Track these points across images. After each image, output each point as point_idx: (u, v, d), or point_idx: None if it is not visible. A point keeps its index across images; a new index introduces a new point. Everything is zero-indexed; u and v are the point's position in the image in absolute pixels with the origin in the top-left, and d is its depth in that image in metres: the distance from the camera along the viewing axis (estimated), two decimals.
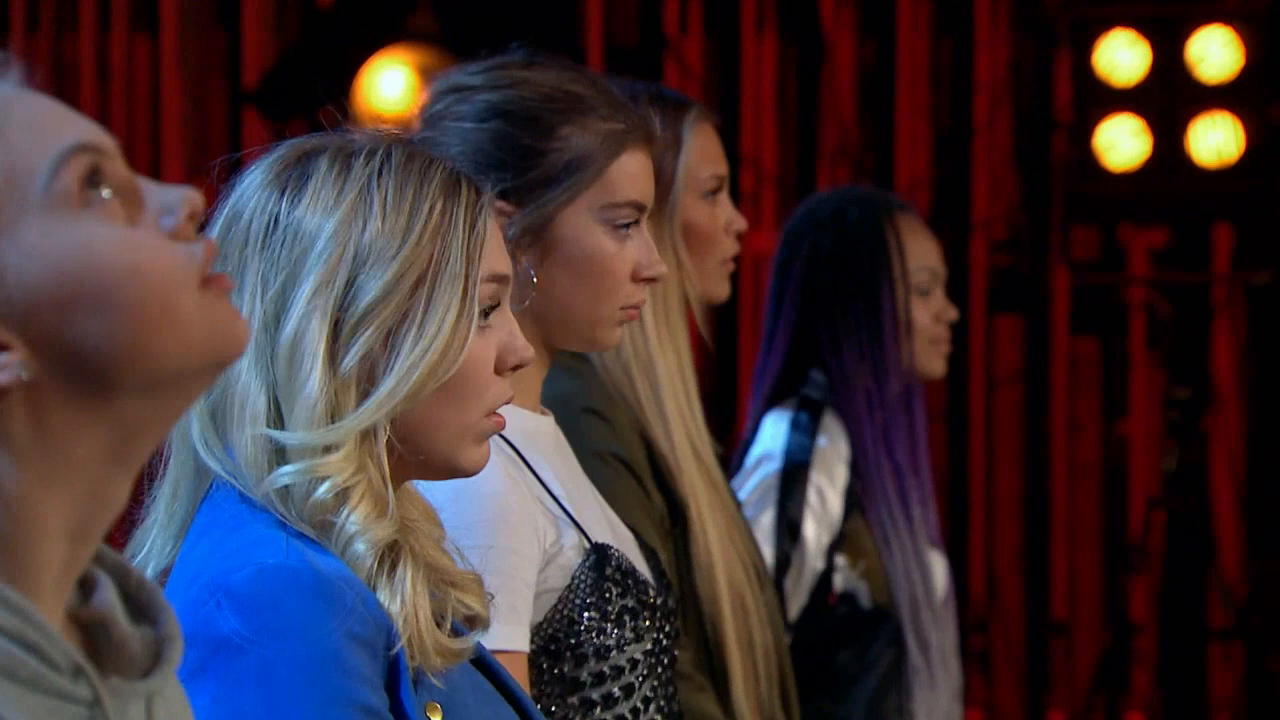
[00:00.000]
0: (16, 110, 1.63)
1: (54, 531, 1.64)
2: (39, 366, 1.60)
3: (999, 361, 7.84)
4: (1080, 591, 7.86)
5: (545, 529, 2.85)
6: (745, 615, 3.43)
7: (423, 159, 2.34)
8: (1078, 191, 7.22)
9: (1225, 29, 7.01)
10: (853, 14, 7.86)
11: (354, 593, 2.21)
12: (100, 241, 1.61)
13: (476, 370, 2.33)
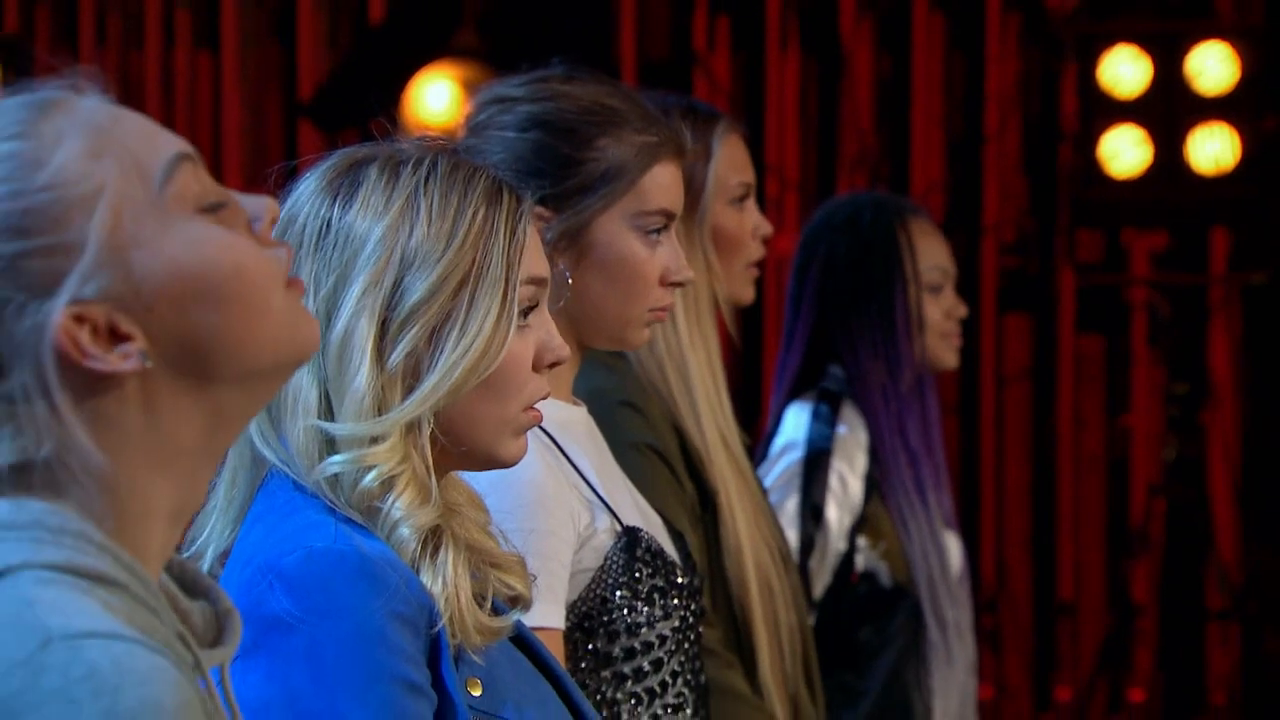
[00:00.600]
0: (123, 121, 1.66)
1: (160, 512, 1.67)
2: (155, 356, 1.63)
3: (1008, 358, 7.84)
4: (1085, 575, 7.85)
5: (580, 513, 2.86)
6: (771, 596, 3.43)
7: (467, 168, 2.34)
8: (1083, 197, 7.22)
9: (1222, 44, 7.02)
10: (871, 30, 7.86)
11: (398, 575, 2.21)
12: (210, 242, 1.65)
13: (515, 367, 2.33)
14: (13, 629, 1.53)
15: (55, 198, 1.62)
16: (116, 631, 1.53)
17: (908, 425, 4.15)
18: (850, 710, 4.03)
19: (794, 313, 4.26)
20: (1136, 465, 7.77)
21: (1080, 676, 7.64)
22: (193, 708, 1.52)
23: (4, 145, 1.63)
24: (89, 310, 1.61)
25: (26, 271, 1.60)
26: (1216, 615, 7.55)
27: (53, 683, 1.50)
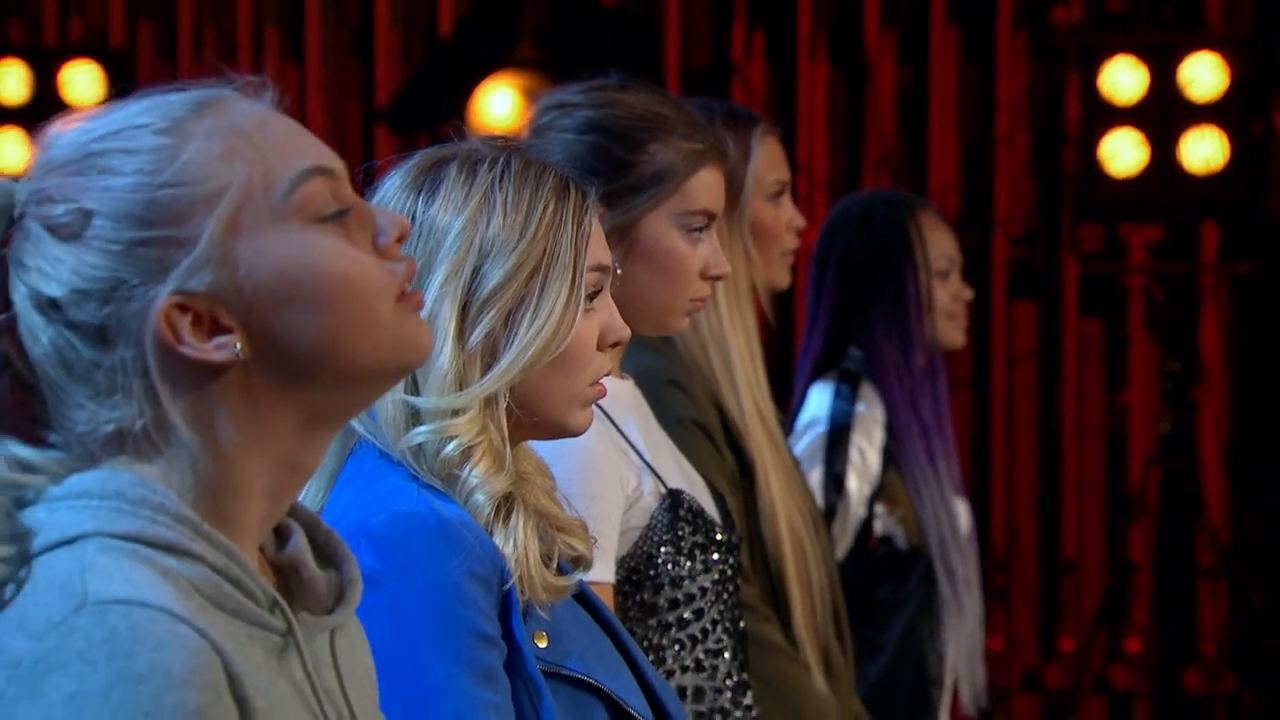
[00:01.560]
0: (269, 128, 1.66)
1: (256, 489, 1.65)
2: (251, 351, 1.62)
3: (1017, 340, 7.82)
4: (1087, 536, 7.84)
5: (628, 477, 2.86)
6: (804, 556, 3.43)
7: (537, 165, 2.34)
8: (1085, 195, 7.19)
9: (1213, 55, 7.00)
10: (893, 43, 7.84)
11: (473, 536, 2.22)
12: (320, 251, 1.63)
13: (582, 346, 2.33)
14: (59, 593, 1.54)
15: (179, 194, 1.61)
16: (146, 600, 1.52)
17: (920, 402, 4.15)
18: (872, 662, 4.03)
19: (815, 300, 4.26)
20: (1133, 437, 7.76)
21: (1082, 629, 7.63)
22: (204, 675, 1.51)
23: (151, 139, 1.63)
24: (192, 301, 1.60)
25: (142, 258, 1.60)
26: (1206, 573, 7.53)
27: (78, 644, 1.50)
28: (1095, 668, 7.56)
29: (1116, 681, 7.65)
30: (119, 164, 1.62)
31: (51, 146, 1.66)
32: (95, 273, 1.60)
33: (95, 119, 1.66)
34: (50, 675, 1.50)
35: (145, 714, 1.48)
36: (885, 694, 4.02)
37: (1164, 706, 7.32)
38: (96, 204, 1.61)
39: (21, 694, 1.51)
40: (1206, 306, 7.70)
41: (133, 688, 1.49)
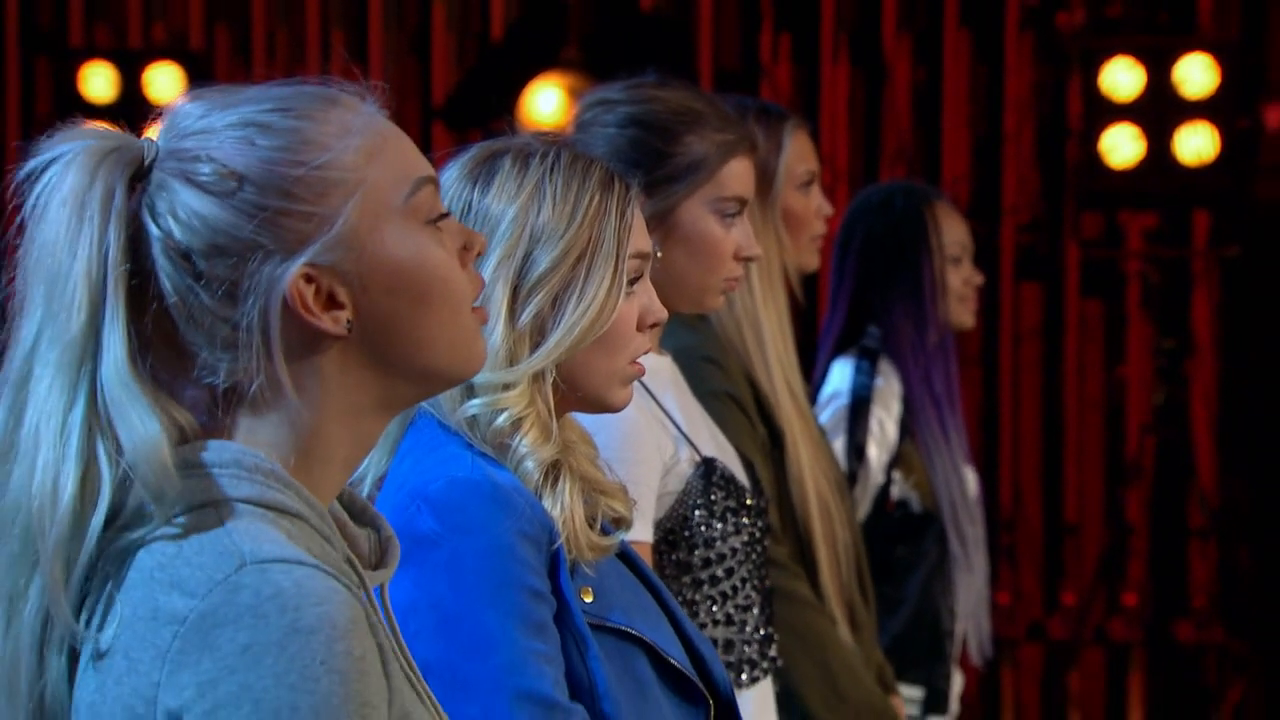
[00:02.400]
0: (392, 139, 1.68)
1: (337, 458, 1.67)
2: (357, 328, 1.64)
3: (1023, 320, 7.81)
4: (1087, 500, 7.83)
5: (665, 445, 2.87)
6: (830, 518, 3.42)
7: (584, 159, 2.35)
8: (1086, 185, 7.19)
9: (1204, 56, 7.00)
10: (909, 45, 7.83)
11: (524, 500, 2.23)
12: (431, 253, 1.66)
13: (624, 327, 2.34)
14: (213, 553, 1.54)
15: (327, 177, 1.63)
16: (299, 558, 1.54)
17: (933, 377, 4.14)
18: (891, 617, 4.03)
19: (837, 282, 4.26)
20: (1130, 408, 7.74)
21: (1083, 584, 7.62)
22: (360, 624, 1.53)
23: (293, 121, 1.64)
24: (319, 274, 1.62)
25: (282, 227, 1.61)
26: (1197, 533, 7.53)
27: (246, 600, 1.50)
28: (1095, 620, 7.56)
29: (1114, 633, 7.64)
30: (274, 140, 1.63)
31: (187, 114, 1.66)
32: (235, 233, 1.61)
33: (242, 95, 1.67)
34: (221, 629, 1.50)
35: (320, 663, 1.49)
36: (903, 646, 4.02)
37: (1158, 656, 7.32)
38: (247, 170, 1.62)
39: (191, 647, 1.51)
40: (1198, 288, 7.68)
41: (306, 639, 1.49)
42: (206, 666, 1.49)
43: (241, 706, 1.48)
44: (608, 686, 2.23)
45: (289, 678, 1.48)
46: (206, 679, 1.49)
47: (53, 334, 1.59)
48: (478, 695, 2.17)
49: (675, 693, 2.32)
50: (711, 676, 2.36)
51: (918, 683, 4.04)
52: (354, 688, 1.50)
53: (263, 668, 1.48)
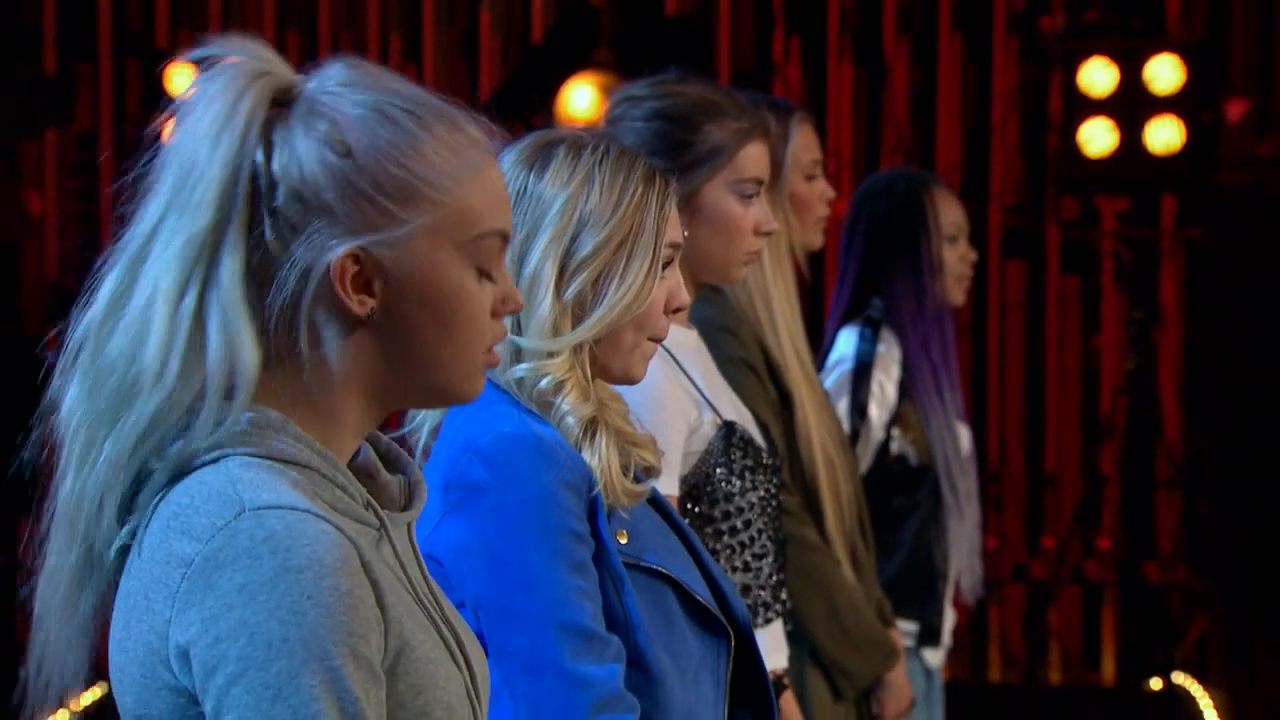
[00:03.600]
0: (488, 182, 1.66)
1: (348, 423, 1.65)
2: (380, 318, 1.62)
3: (1008, 293, 7.80)
4: (1065, 454, 7.83)
5: (690, 409, 2.86)
6: (834, 471, 3.42)
7: (630, 155, 2.34)
8: (1065, 172, 7.18)
9: (1172, 56, 6.99)
10: (906, 47, 7.82)
11: (565, 452, 2.23)
12: (469, 289, 1.63)
13: (654, 309, 2.34)
14: (218, 502, 1.53)
15: (416, 187, 1.61)
16: (294, 504, 1.53)
17: (930, 344, 4.13)
18: (888, 560, 4.03)
19: (845, 258, 4.24)
20: (1104, 373, 7.74)
21: (1061, 530, 7.62)
22: (349, 562, 1.52)
23: (414, 126, 1.62)
24: (365, 260, 1.59)
25: (358, 208, 1.59)
26: (1163, 484, 7.52)
27: (242, 543, 1.50)
28: (1072, 562, 7.55)
29: (1089, 573, 7.65)
30: (391, 134, 1.61)
31: (337, 75, 1.65)
32: (318, 191, 1.59)
33: (389, 82, 1.65)
34: (221, 570, 1.50)
35: (307, 598, 1.49)
36: (901, 585, 4.02)
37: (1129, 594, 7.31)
38: (357, 147, 1.60)
39: (195, 587, 1.51)
40: (1165, 265, 7.68)
41: (294, 577, 1.49)
42: (209, 604, 1.49)
43: (238, 639, 1.48)
44: (641, 620, 2.24)
45: (279, 612, 1.48)
46: (209, 615, 1.49)
47: (176, 224, 1.57)
48: (525, 628, 2.18)
49: (700, 626, 2.32)
50: (732, 612, 2.37)
51: (913, 618, 4.04)
52: (340, 619, 1.49)
53: (257, 604, 1.48)
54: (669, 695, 2.25)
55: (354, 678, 1.49)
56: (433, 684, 1.58)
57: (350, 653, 1.50)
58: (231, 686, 1.48)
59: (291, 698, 1.47)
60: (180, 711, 1.53)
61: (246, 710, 1.48)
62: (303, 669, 1.48)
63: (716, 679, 2.34)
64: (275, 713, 1.47)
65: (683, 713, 2.27)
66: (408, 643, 1.57)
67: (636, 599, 2.24)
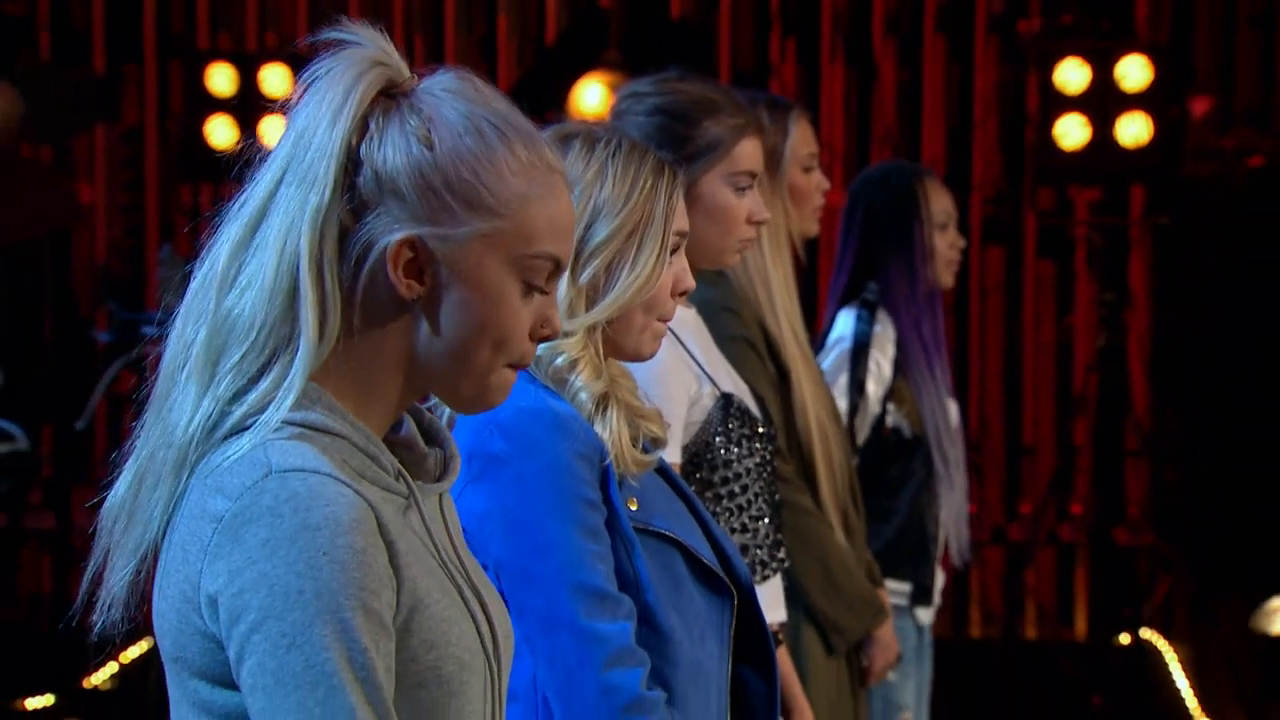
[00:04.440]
0: (553, 208, 1.66)
1: (386, 398, 1.65)
2: (423, 306, 1.62)
3: (989, 277, 7.79)
4: (1041, 426, 7.82)
5: (690, 382, 2.85)
6: (827, 441, 3.41)
7: (640, 149, 2.33)
8: (1041, 164, 7.18)
9: (1141, 57, 7.00)
10: (894, 48, 7.81)
11: (579, 426, 2.23)
12: (511, 302, 1.63)
13: (661, 292, 2.34)
14: (249, 465, 1.54)
15: (483, 196, 1.61)
16: (316, 468, 1.54)
17: (922, 325, 4.12)
18: (885, 525, 4.03)
19: (843, 245, 4.23)
20: (1078, 351, 7.73)
21: (1037, 496, 7.62)
22: (364, 522, 1.53)
23: (496, 141, 1.63)
24: (421, 250, 1.60)
25: (426, 200, 1.60)
26: (1132, 454, 7.52)
27: (267, 502, 1.51)
28: (1047, 526, 7.56)
29: (1063, 536, 7.65)
30: (475, 144, 1.61)
31: (445, 82, 1.66)
32: (395, 177, 1.60)
33: (487, 97, 1.66)
34: (247, 526, 1.51)
35: (323, 553, 1.50)
36: (895, 549, 4.02)
37: (1099, 556, 7.33)
38: (440, 148, 1.61)
39: (224, 541, 1.52)
40: (1134, 251, 7.67)
41: (312, 534, 1.50)
42: (235, 557, 1.51)
43: (260, 590, 1.49)
44: (650, 580, 2.24)
45: (297, 566, 1.49)
46: (235, 567, 1.51)
47: (295, 193, 1.59)
48: (542, 588, 2.18)
49: (705, 586, 2.32)
50: (735, 572, 2.36)
51: (906, 579, 4.03)
52: (353, 575, 1.50)
53: (277, 558, 1.49)
54: (677, 650, 2.25)
55: (364, 629, 1.50)
56: (444, 641, 1.58)
57: (361, 606, 1.51)
58: (252, 634, 1.50)
59: (305, 646, 1.48)
60: (210, 655, 1.54)
61: (264, 657, 1.49)
62: (316, 620, 1.49)
63: (721, 635, 2.33)
64: (289, 660, 1.48)
65: (690, 667, 2.27)
66: (421, 600, 1.57)
67: (646, 561, 2.24)
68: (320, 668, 1.48)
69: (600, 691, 2.16)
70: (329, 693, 1.48)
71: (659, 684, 2.22)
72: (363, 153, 1.60)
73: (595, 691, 2.16)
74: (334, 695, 1.48)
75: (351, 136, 1.59)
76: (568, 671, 2.17)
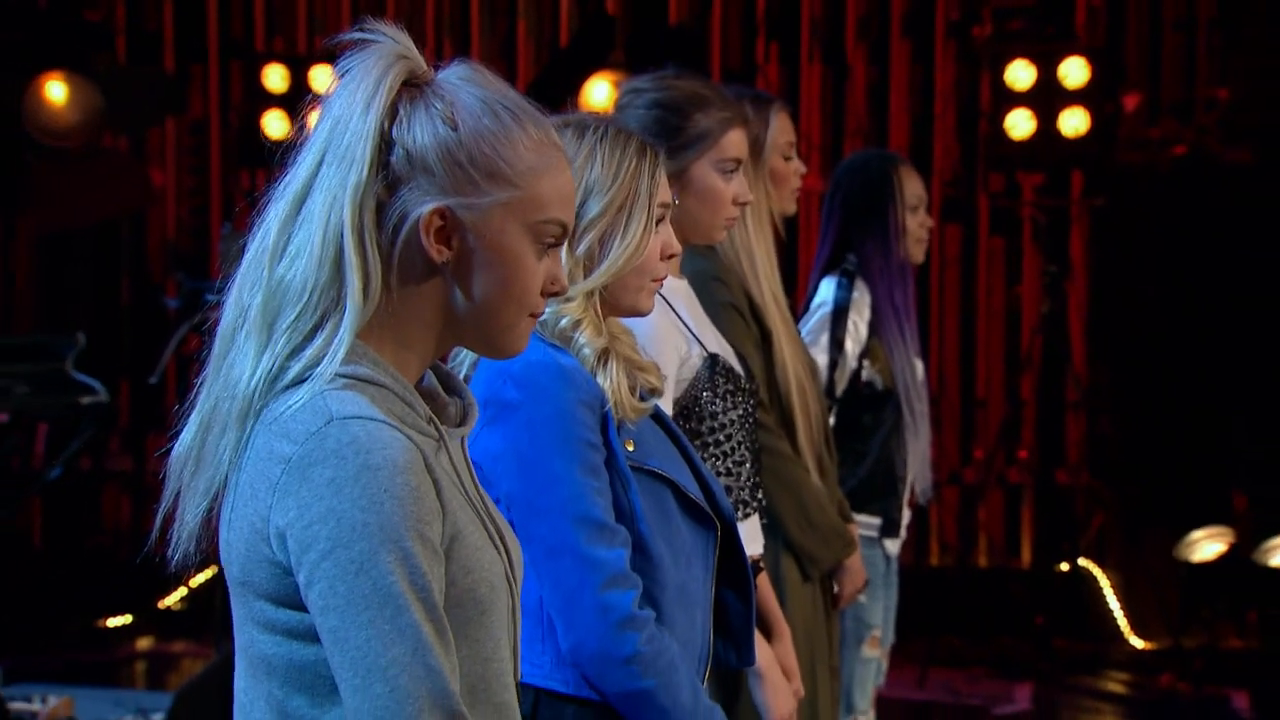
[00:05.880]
0: (560, 180, 1.65)
1: (416, 349, 1.64)
2: (451, 268, 1.61)
3: (947, 251, 7.78)
4: (992, 381, 7.82)
5: (680, 344, 2.84)
6: (804, 395, 3.40)
7: (625, 133, 2.32)
8: (993, 153, 7.20)
9: (1080, 58, 7.02)
10: (865, 51, 7.78)
11: (582, 377, 2.21)
12: (527, 261, 1.63)
13: (651, 257, 2.33)
14: (310, 413, 1.54)
15: (500, 168, 1.61)
16: (372, 415, 1.53)
17: (894, 293, 4.10)
18: (859, 466, 4.02)
19: (826, 221, 4.21)
20: (1025, 315, 7.72)
21: (988, 443, 7.62)
22: (416, 463, 1.53)
23: (511, 121, 1.63)
24: (450, 218, 1.59)
25: (452, 174, 1.59)
26: (1072, 406, 7.52)
27: (331, 445, 1.51)
28: (997, 469, 7.56)
29: (1011, 478, 7.65)
30: (493, 124, 1.61)
31: (461, 72, 1.65)
32: (424, 154, 1.59)
33: (499, 85, 1.65)
34: (314, 467, 1.51)
35: (384, 491, 1.50)
36: (867, 486, 4.01)
37: (1042, 495, 7.34)
38: (463, 127, 1.60)
39: (292, 480, 1.51)
40: (1074, 228, 7.65)
41: (373, 474, 1.50)
42: (303, 494, 1.50)
43: (328, 523, 1.49)
44: (643, 513, 2.23)
45: (361, 502, 1.49)
46: (303, 503, 1.50)
47: (336, 172, 1.58)
48: (547, 518, 2.17)
49: (692, 519, 2.31)
50: (719, 507, 2.35)
51: (877, 514, 4.02)
52: (410, 509, 1.50)
53: (342, 495, 1.49)
54: (665, 574, 2.24)
55: (421, 555, 1.51)
56: (479, 565, 1.58)
57: (418, 536, 1.51)
58: (322, 561, 1.49)
59: (371, 571, 1.48)
60: (277, 580, 1.53)
61: (335, 581, 1.49)
62: (380, 548, 1.49)
63: (705, 563, 2.33)
64: (359, 583, 1.48)
65: (677, 589, 2.26)
66: (460, 531, 1.57)
67: (640, 496, 2.22)
68: (387, 590, 1.48)
69: (598, 610, 2.15)
70: (396, 611, 1.48)
71: (650, 604, 2.21)
72: (395, 134, 1.59)
73: (593, 610, 2.16)
74: (400, 613, 1.48)
75: (384, 121, 1.58)
76: (569, 592, 2.16)
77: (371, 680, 1.47)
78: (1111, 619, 7.12)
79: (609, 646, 2.15)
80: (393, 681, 1.47)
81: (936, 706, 6.43)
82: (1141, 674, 6.80)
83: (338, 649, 1.49)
